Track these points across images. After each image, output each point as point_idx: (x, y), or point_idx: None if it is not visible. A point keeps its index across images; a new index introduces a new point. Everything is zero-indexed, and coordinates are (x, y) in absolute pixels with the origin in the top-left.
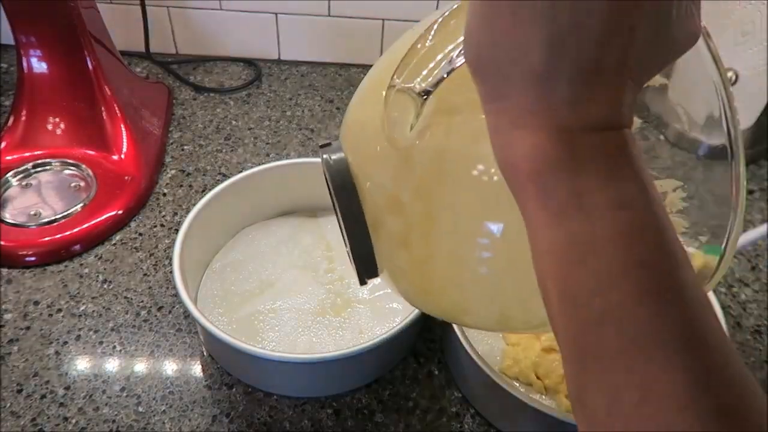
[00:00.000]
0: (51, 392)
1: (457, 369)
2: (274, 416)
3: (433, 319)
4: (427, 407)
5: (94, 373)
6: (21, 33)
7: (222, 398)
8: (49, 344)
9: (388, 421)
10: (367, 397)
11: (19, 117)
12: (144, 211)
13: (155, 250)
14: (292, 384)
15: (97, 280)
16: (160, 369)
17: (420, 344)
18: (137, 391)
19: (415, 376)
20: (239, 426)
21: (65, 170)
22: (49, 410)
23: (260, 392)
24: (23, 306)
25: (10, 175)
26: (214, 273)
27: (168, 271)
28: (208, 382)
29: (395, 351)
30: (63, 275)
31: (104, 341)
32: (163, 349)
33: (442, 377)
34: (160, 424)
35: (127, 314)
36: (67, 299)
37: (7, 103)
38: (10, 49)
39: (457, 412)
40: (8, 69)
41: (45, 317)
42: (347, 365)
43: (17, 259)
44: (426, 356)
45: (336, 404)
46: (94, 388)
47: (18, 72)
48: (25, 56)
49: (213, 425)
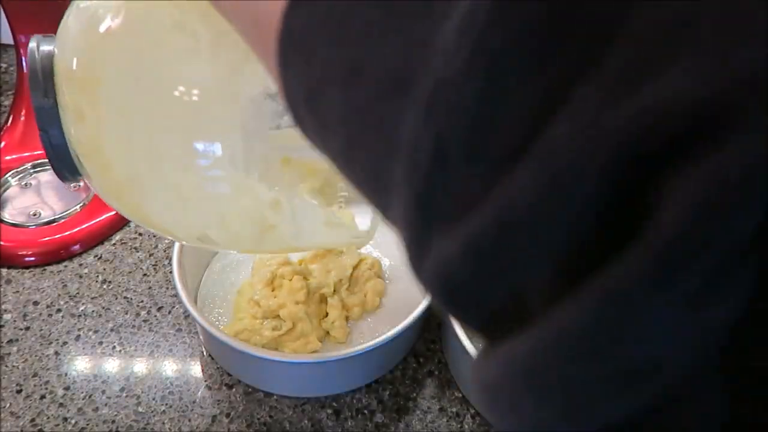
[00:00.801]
0: (50, 392)
1: (457, 369)
2: (274, 416)
3: (433, 319)
4: (427, 407)
5: (94, 374)
6: (21, 33)
7: (222, 398)
8: (48, 344)
9: (388, 421)
10: (367, 397)
11: (19, 117)
12: None
13: (155, 250)
14: (292, 384)
15: (97, 280)
16: (159, 369)
17: (420, 344)
18: (137, 392)
19: (415, 376)
20: (239, 426)
21: None
22: (48, 411)
23: (260, 392)
24: (23, 306)
25: (10, 176)
26: (214, 273)
27: (168, 271)
28: (208, 382)
29: (395, 351)
30: (62, 275)
31: (104, 341)
32: (163, 349)
33: (442, 377)
34: (160, 424)
35: (126, 314)
36: (66, 299)
37: (7, 103)
38: (10, 49)
39: (457, 412)
40: (8, 69)
41: (44, 317)
42: (347, 365)
43: (17, 259)
44: (426, 356)
45: (336, 404)
46: (94, 389)
47: (18, 72)
48: (24, 56)
49: (213, 425)
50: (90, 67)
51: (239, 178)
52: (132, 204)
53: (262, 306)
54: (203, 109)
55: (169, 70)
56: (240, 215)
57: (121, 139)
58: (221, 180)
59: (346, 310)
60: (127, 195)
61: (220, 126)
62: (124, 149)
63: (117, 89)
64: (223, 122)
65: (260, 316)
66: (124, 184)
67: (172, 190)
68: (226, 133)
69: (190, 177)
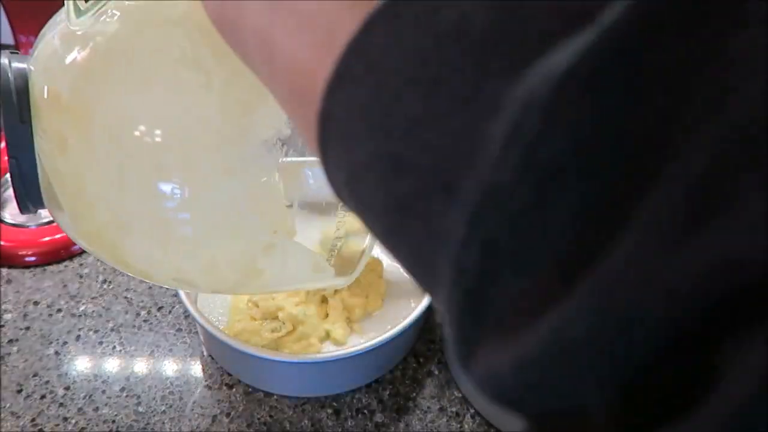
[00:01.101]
0: (51, 392)
1: (457, 369)
2: (274, 416)
3: (433, 319)
4: (427, 407)
5: (94, 374)
6: (21, 33)
7: (222, 398)
8: (49, 344)
9: (388, 421)
10: (367, 397)
11: None
12: None
13: None
14: (292, 384)
15: (97, 280)
16: (160, 369)
17: (420, 344)
18: (137, 392)
19: (415, 376)
20: (239, 426)
21: None
22: (48, 410)
23: (260, 392)
24: (23, 306)
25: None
26: None
27: None
28: (208, 382)
29: (395, 351)
30: (63, 275)
31: (104, 341)
32: (163, 349)
33: (442, 377)
34: (160, 424)
35: (127, 314)
36: (67, 299)
37: None
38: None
39: (457, 412)
40: None
41: (45, 317)
42: (347, 365)
43: (17, 259)
44: (426, 356)
45: (336, 404)
46: (94, 389)
47: None
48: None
49: (213, 425)
50: (83, 97)
51: (240, 220)
52: (107, 244)
53: (260, 307)
54: (211, 150)
55: (175, 107)
56: (231, 258)
57: (112, 178)
58: (222, 222)
59: (347, 311)
60: (105, 234)
61: (228, 167)
62: (113, 188)
63: (113, 123)
64: (233, 163)
65: (259, 317)
66: (105, 224)
67: (162, 232)
68: (234, 175)
69: (189, 219)
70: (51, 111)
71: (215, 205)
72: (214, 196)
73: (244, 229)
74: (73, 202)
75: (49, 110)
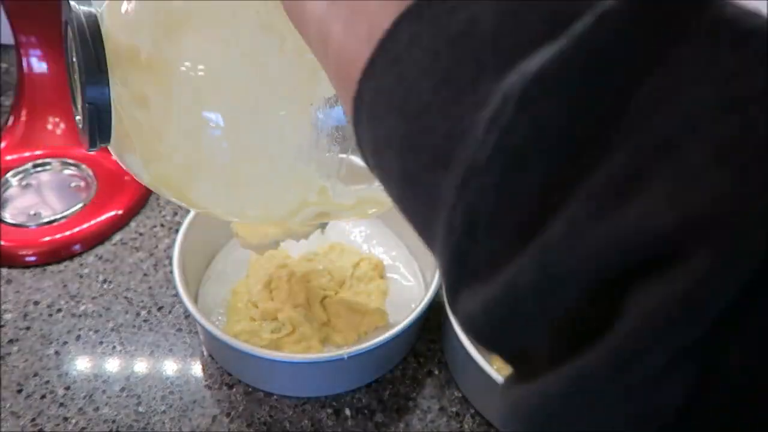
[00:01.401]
0: (51, 392)
1: (457, 369)
2: (274, 416)
3: (433, 319)
4: (427, 407)
5: (94, 373)
6: (21, 33)
7: (222, 398)
8: (49, 344)
9: (388, 421)
10: (367, 397)
11: (19, 117)
12: (144, 210)
13: (155, 250)
14: (292, 384)
15: (97, 280)
16: (160, 369)
17: (420, 344)
18: (137, 391)
19: (415, 376)
20: (239, 426)
21: (65, 170)
22: (49, 410)
23: (260, 392)
24: (23, 306)
25: (10, 175)
26: (214, 273)
27: (168, 271)
28: (208, 382)
29: (395, 351)
30: (63, 275)
31: (104, 341)
32: (163, 349)
33: (442, 377)
34: (160, 424)
35: (127, 314)
36: (67, 299)
37: (7, 103)
38: (10, 49)
39: (457, 412)
40: (8, 69)
41: (45, 317)
42: (347, 365)
43: (17, 259)
44: (426, 356)
45: (336, 404)
46: (94, 388)
47: (18, 72)
48: (25, 56)
49: (213, 425)
50: (164, 57)
51: (300, 168)
52: (174, 184)
53: (260, 308)
54: (281, 107)
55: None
56: (287, 199)
57: (190, 130)
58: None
59: (348, 312)
60: (175, 176)
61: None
62: (191, 140)
63: (193, 84)
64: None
65: (258, 318)
66: (177, 168)
67: (231, 178)
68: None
69: (257, 168)
70: (130, 66)
71: (282, 155)
72: (281, 148)
73: (305, 176)
74: (149, 149)
75: (128, 64)
